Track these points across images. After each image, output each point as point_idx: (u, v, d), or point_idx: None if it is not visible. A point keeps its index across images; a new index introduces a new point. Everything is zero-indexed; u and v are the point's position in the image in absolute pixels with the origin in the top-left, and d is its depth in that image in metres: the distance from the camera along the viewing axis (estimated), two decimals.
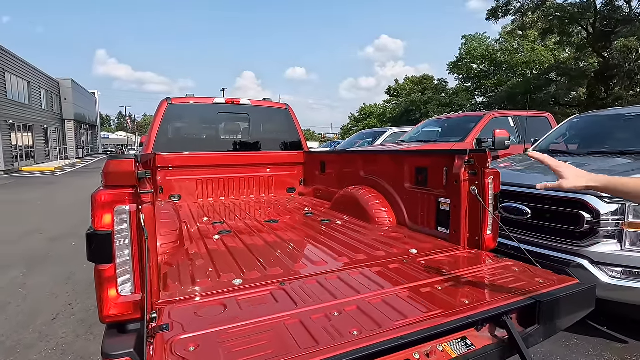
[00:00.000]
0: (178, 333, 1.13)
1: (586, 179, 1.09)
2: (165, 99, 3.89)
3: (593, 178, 1.09)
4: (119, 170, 1.20)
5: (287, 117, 4.43)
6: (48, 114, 24.84)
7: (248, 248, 2.11)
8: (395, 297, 1.40)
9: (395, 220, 2.77)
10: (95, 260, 1.19)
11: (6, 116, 18.25)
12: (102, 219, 1.18)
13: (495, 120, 6.07)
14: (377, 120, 42.40)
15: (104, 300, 1.20)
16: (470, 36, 32.87)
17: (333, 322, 1.20)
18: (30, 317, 3.13)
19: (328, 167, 3.98)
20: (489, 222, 2.04)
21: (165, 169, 3.78)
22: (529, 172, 3.71)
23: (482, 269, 1.73)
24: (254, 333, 1.13)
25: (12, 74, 19.34)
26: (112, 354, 1.12)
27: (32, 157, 21.74)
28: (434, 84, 37.15)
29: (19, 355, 2.57)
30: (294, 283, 1.55)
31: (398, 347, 1.09)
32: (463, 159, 2.09)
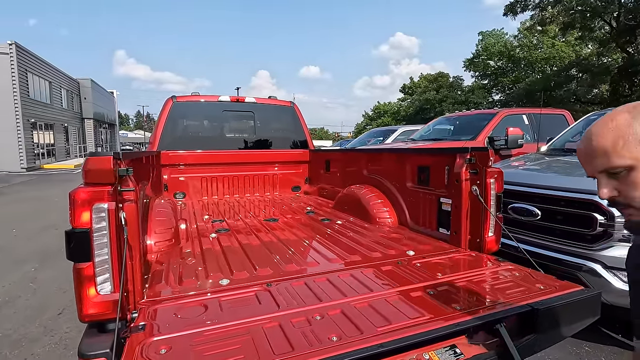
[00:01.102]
0: (152, 334, 1.11)
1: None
2: (171, 97, 3.91)
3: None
4: (97, 168, 1.19)
5: (292, 115, 4.39)
6: (68, 113, 25.58)
7: (242, 247, 2.08)
8: (382, 302, 1.34)
9: (397, 220, 2.70)
10: (73, 258, 1.18)
11: (28, 115, 18.89)
12: (80, 216, 1.17)
13: (509, 118, 5.88)
14: (391, 118, 42.00)
15: (83, 299, 1.19)
16: (487, 32, 32.15)
17: (313, 327, 1.16)
18: (38, 311, 3.20)
19: (332, 166, 3.93)
20: (491, 224, 1.95)
21: (170, 167, 3.81)
22: (541, 172, 3.57)
23: (480, 273, 1.65)
24: (229, 336, 1.10)
25: (34, 74, 19.99)
26: (87, 354, 1.10)
27: (53, 155, 22.44)
28: (450, 81, 36.52)
29: (24, 349, 2.62)
30: (281, 284, 1.51)
31: (379, 355, 1.04)
32: (464, 157, 2.00)
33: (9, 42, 17.48)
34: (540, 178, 3.02)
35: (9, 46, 17.47)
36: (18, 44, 17.87)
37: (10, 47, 17.47)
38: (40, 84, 20.87)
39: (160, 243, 2.03)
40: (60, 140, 23.95)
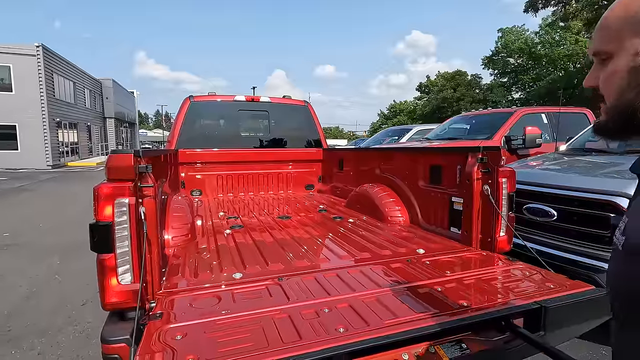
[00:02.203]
0: (169, 322, 1.17)
1: None
2: (188, 97, 4.02)
3: None
4: (119, 165, 1.26)
5: (306, 114, 4.44)
6: (91, 112, 26.44)
7: (255, 244, 2.14)
8: (390, 297, 1.37)
9: (409, 219, 2.71)
10: (97, 249, 1.26)
11: (54, 114, 19.63)
12: (103, 210, 1.24)
13: (527, 117, 5.76)
14: (407, 117, 41.59)
15: (105, 289, 1.27)
16: (507, 29, 31.39)
17: (321, 319, 1.20)
18: (63, 302, 3.36)
19: (346, 165, 3.96)
20: (503, 224, 1.94)
21: (187, 165, 3.92)
22: (558, 172, 3.50)
23: (490, 271, 1.66)
24: (240, 325, 1.15)
25: (59, 75, 20.75)
26: (109, 339, 1.18)
27: (76, 153, 23.25)
28: (467, 79, 35.84)
29: (50, 337, 2.77)
30: (292, 279, 1.56)
31: (385, 346, 1.07)
32: (476, 156, 2.00)
33: (36, 44, 18.20)
34: (556, 178, 2.96)
35: (36, 48, 18.19)
36: (45, 45, 18.58)
37: (37, 49, 18.19)
38: (65, 85, 21.65)
39: (177, 238, 2.11)
40: (84, 139, 24.79)
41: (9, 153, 18.32)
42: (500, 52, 31.58)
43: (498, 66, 32.30)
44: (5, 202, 8.91)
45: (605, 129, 0.67)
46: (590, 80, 0.68)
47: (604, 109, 0.66)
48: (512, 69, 31.76)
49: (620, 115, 0.62)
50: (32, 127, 18.41)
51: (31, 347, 2.64)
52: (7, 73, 18.06)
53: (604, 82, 0.65)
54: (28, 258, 4.61)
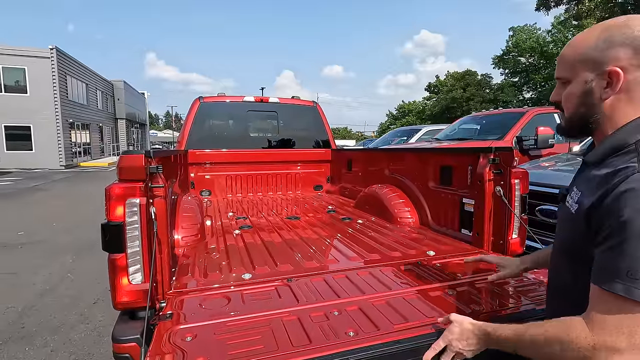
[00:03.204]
0: (179, 323, 1.17)
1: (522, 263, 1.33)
2: (198, 98, 4.05)
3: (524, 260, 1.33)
4: (130, 165, 1.27)
5: (315, 115, 4.44)
6: (103, 113, 26.88)
7: (264, 244, 2.14)
8: (400, 300, 1.35)
9: (418, 220, 2.68)
10: (108, 249, 1.27)
11: (67, 115, 20.01)
12: (115, 210, 1.25)
13: (539, 117, 5.66)
14: (416, 117, 41.31)
15: (116, 288, 1.28)
16: (518, 28, 30.97)
17: (331, 322, 1.18)
18: (75, 300, 3.42)
19: (354, 165, 3.94)
20: (515, 226, 1.90)
21: (197, 165, 3.94)
22: (572, 173, 3.43)
23: None
24: (250, 327, 1.15)
25: (72, 77, 21.14)
26: (120, 339, 1.19)
27: (88, 154, 23.65)
28: (477, 79, 35.42)
29: (62, 334, 2.81)
30: (301, 280, 1.55)
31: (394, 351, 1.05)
32: (487, 157, 1.96)
33: (50, 46, 18.58)
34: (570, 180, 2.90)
35: (50, 50, 18.57)
36: (58, 48, 18.95)
37: (51, 51, 18.57)
38: (77, 86, 22.05)
39: (187, 238, 2.12)
40: (96, 139, 25.21)
41: (24, 153, 18.73)
42: (511, 51, 31.19)
43: (509, 65, 31.90)
44: (21, 201, 9.10)
45: (564, 131, 0.96)
46: (555, 96, 0.95)
47: (564, 117, 0.93)
48: (523, 68, 31.34)
49: (575, 122, 0.91)
50: (46, 128, 18.79)
51: (44, 344, 2.68)
52: (22, 75, 18.48)
53: (564, 99, 0.91)
54: (42, 256, 4.70)
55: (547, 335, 0.82)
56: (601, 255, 0.76)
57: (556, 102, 0.94)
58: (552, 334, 0.81)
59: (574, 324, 0.78)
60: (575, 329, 0.77)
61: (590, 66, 0.83)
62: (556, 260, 0.98)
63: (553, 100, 0.95)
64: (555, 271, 1.00)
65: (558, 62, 0.92)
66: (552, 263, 1.02)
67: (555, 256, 0.99)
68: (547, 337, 0.82)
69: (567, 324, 0.80)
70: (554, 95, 0.94)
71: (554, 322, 0.83)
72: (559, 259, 0.96)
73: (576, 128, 0.92)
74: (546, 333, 0.82)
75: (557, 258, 0.98)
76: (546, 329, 0.83)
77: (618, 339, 0.73)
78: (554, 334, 0.81)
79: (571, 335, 0.77)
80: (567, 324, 0.80)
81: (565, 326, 0.80)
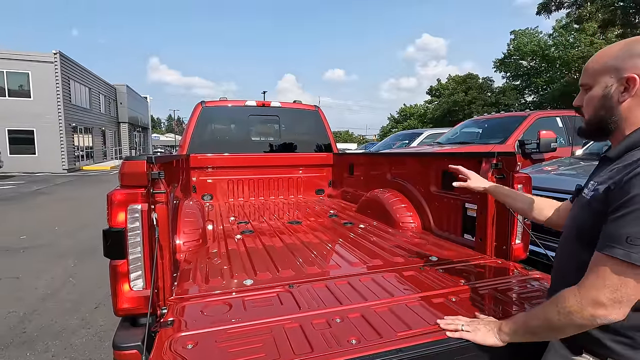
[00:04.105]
0: (180, 330, 1.17)
1: (486, 183, 1.58)
2: (200, 102, 4.06)
3: (488, 183, 1.58)
4: (132, 171, 1.27)
5: (316, 119, 4.44)
6: (106, 117, 27.00)
7: (266, 249, 2.14)
8: (403, 307, 1.34)
9: (421, 225, 2.67)
10: (110, 255, 1.26)
11: (70, 119, 20.11)
12: (116, 216, 1.25)
13: (541, 120, 5.66)
14: (418, 121, 41.30)
15: (117, 294, 1.27)
16: (520, 31, 30.98)
17: (333, 329, 1.17)
18: (76, 304, 3.41)
19: (356, 169, 3.94)
20: (518, 231, 1.89)
21: (199, 170, 3.95)
22: (575, 177, 3.41)
23: (506, 281, 1.61)
24: (252, 334, 1.14)
25: (75, 81, 21.27)
26: (121, 346, 1.18)
27: (91, 157, 23.73)
28: (479, 82, 35.42)
29: (63, 339, 2.80)
30: (303, 286, 1.54)
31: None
32: (490, 162, 1.96)
33: (54, 51, 18.72)
34: (573, 184, 2.89)
35: (54, 55, 18.70)
36: (62, 53, 19.09)
37: (55, 56, 18.70)
38: (81, 90, 22.18)
39: (189, 243, 2.12)
40: (98, 143, 25.31)
41: (27, 157, 18.81)
42: (513, 55, 31.18)
43: (510, 69, 31.88)
44: (24, 205, 9.13)
45: (585, 134, 1.05)
46: (577, 101, 1.04)
47: (585, 120, 1.03)
48: (525, 72, 31.31)
49: (595, 125, 1.00)
50: (49, 131, 18.89)
51: (45, 349, 2.67)
52: (26, 80, 18.61)
53: (585, 103, 1.01)
54: (44, 260, 4.70)
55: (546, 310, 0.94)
56: (606, 226, 0.85)
57: (578, 107, 1.04)
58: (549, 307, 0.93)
59: (566, 291, 0.90)
60: (567, 295, 0.89)
61: (611, 73, 0.93)
62: (566, 246, 1.05)
63: (575, 104, 1.05)
64: (563, 256, 1.07)
65: (583, 72, 1.02)
66: (560, 249, 1.09)
67: (565, 242, 1.06)
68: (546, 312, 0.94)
69: (560, 294, 0.91)
70: (576, 100, 1.04)
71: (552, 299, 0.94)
72: (570, 244, 1.02)
73: (596, 129, 1.00)
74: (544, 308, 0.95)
75: (568, 244, 1.04)
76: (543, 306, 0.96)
77: (601, 292, 0.82)
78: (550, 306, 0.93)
79: (563, 302, 0.89)
80: (560, 294, 0.91)
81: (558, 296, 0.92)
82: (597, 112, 0.97)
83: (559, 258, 1.09)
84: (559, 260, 1.09)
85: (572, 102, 1.06)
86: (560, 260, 1.08)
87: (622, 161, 0.90)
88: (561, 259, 1.08)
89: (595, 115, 0.98)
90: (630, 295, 0.81)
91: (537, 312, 0.98)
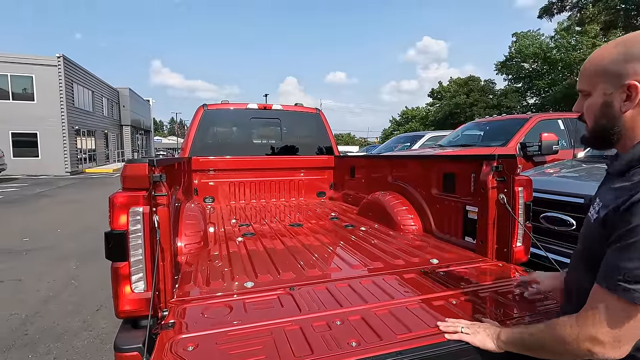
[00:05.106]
0: (181, 332, 1.17)
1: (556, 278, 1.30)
2: (202, 105, 4.08)
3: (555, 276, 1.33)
4: (134, 174, 1.28)
5: (318, 122, 4.45)
6: (108, 120, 27.12)
7: (267, 251, 2.14)
8: (403, 309, 1.34)
9: (422, 227, 2.67)
10: (111, 258, 1.27)
11: (73, 122, 20.21)
12: (118, 219, 1.26)
13: (543, 123, 5.64)
14: (419, 123, 41.36)
15: (119, 297, 1.28)
16: (522, 33, 31.01)
17: (333, 331, 1.18)
18: (78, 306, 3.42)
19: (357, 172, 3.94)
20: (519, 233, 1.89)
21: (200, 172, 3.96)
22: (577, 180, 3.40)
23: (506, 284, 1.61)
24: (252, 337, 1.14)
25: (79, 84, 21.39)
26: (122, 348, 1.19)
27: (94, 160, 23.83)
28: (481, 85, 35.43)
29: (65, 341, 2.81)
30: (303, 289, 1.54)
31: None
32: (491, 164, 1.96)
33: (57, 55, 18.84)
34: (575, 186, 2.88)
35: (57, 59, 18.82)
36: (65, 56, 19.22)
37: (58, 59, 18.82)
38: (84, 93, 22.30)
39: (190, 245, 2.13)
40: (101, 146, 25.42)
41: (30, 160, 18.91)
42: (515, 57, 31.20)
43: (512, 71, 31.89)
44: (27, 207, 9.17)
45: (588, 142, 0.98)
46: (577, 107, 0.97)
47: (587, 128, 0.96)
48: (526, 74, 31.31)
49: (597, 134, 0.92)
50: (52, 134, 18.98)
51: (47, 351, 2.68)
52: (30, 83, 18.73)
53: (586, 111, 0.93)
54: (46, 263, 4.72)
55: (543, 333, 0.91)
56: (607, 256, 0.81)
57: (580, 114, 0.97)
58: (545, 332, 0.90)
59: (563, 320, 0.87)
60: (564, 324, 0.86)
61: (609, 79, 0.85)
62: (576, 265, 1.02)
63: (575, 111, 0.98)
64: (573, 275, 1.03)
65: (580, 75, 0.94)
66: (571, 267, 1.06)
67: (575, 261, 1.03)
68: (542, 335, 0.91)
69: (557, 322, 0.88)
70: (576, 106, 0.97)
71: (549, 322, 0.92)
72: (579, 264, 0.99)
73: (599, 139, 0.94)
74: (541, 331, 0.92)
75: (576, 263, 1.01)
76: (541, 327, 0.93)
77: (599, 330, 0.78)
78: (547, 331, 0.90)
79: (560, 330, 0.86)
80: (557, 322, 0.88)
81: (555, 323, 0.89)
82: (599, 121, 0.90)
83: (568, 275, 1.07)
84: (568, 278, 1.06)
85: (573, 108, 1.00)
86: (568, 278, 1.05)
87: (625, 180, 0.84)
88: (569, 276, 1.05)
89: (596, 124, 0.91)
90: (631, 334, 0.77)
91: (534, 331, 0.94)
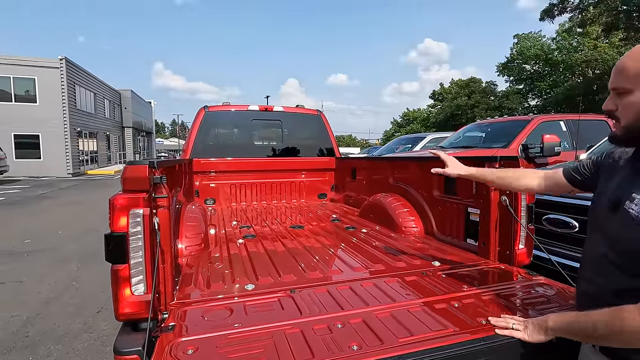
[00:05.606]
0: (181, 335, 1.16)
1: (463, 169, 1.55)
2: (203, 107, 4.08)
3: (466, 169, 1.54)
4: (134, 176, 1.27)
5: (319, 123, 4.45)
6: (110, 122, 27.19)
7: (268, 253, 2.13)
8: (404, 312, 1.33)
9: (423, 229, 2.65)
10: (111, 260, 1.26)
11: (75, 124, 20.27)
12: (118, 221, 1.25)
13: (545, 124, 5.64)
14: (421, 125, 41.32)
15: (119, 299, 1.27)
16: (523, 35, 30.97)
17: (334, 335, 1.17)
18: (79, 308, 3.41)
19: (359, 174, 3.93)
20: (522, 236, 1.87)
21: (201, 174, 3.96)
22: None
23: (509, 287, 1.59)
24: (252, 340, 1.13)
25: (81, 86, 21.47)
26: (121, 351, 1.18)
27: (95, 162, 23.88)
28: (482, 86, 35.39)
29: (66, 343, 2.81)
30: (304, 291, 1.53)
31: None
32: (492, 166, 1.95)
33: (60, 57, 18.92)
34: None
35: (60, 61, 18.89)
36: (68, 58, 19.29)
37: (60, 62, 18.89)
38: (86, 95, 22.37)
39: (191, 247, 2.12)
40: (103, 148, 25.47)
41: (33, 162, 18.95)
42: (516, 59, 31.15)
43: (513, 73, 31.84)
44: (28, 209, 9.19)
45: (620, 140, 0.97)
46: (610, 106, 0.95)
47: (619, 126, 0.93)
48: (528, 76, 31.25)
49: (634, 132, 0.91)
50: (54, 136, 19.03)
51: (48, 353, 2.67)
52: (32, 85, 18.80)
53: (622, 109, 0.91)
54: (48, 264, 4.72)
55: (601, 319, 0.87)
56: None
57: (609, 111, 0.95)
58: (610, 317, 0.85)
59: (630, 309, 0.82)
60: (626, 311, 0.82)
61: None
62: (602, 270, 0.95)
63: (606, 109, 0.95)
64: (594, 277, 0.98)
65: (617, 73, 0.92)
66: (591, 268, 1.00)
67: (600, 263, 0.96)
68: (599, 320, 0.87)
69: (624, 309, 0.83)
70: (608, 104, 0.94)
71: (606, 310, 0.87)
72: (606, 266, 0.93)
73: (635, 137, 0.92)
74: (602, 317, 0.87)
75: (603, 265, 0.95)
76: (599, 314, 0.88)
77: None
78: (612, 317, 0.85)
79: (629, 318, 0.81)
80: (624, 309, 0.83)
81: (620, 310, 0.84)
82: (638, 120, 0.88)
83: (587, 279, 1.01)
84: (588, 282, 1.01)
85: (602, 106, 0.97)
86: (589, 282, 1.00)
87: None
88: (591, 280, 0.99)
89: (635, 122, 0.89)
90: None
91: (593, 318, 0.90)
